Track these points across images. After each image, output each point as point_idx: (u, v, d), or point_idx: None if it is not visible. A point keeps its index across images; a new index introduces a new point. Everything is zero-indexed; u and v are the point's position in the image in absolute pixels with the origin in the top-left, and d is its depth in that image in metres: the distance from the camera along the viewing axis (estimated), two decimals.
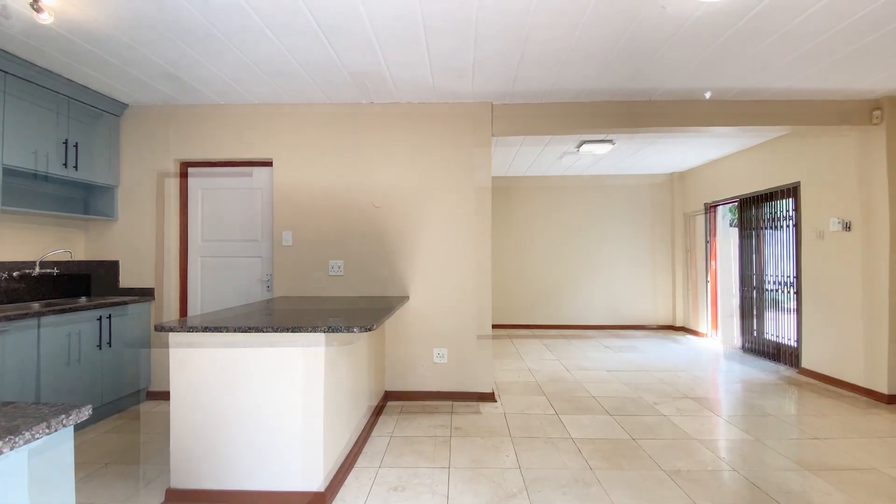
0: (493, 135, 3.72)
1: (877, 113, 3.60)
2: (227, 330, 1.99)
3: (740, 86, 3.36)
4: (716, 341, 6.10)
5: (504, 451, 2.73)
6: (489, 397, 3.65)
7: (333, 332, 1.99)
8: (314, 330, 1.97)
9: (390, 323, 3.69)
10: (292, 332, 1.98)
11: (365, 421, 2.92)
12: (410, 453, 2.70)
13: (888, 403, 3.52)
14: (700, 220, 6.49)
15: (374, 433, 3.00)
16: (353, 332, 1.97)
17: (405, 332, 3.69)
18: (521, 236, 7.24)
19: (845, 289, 3.95)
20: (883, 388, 3.58)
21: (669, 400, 3.69)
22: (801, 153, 4.49)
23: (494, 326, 7.22)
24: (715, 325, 6.26)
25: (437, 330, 3.69)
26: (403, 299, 3.41)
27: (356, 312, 2.53)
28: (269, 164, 3.81)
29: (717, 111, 3.67)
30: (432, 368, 3.68)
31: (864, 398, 3.68)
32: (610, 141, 5.07)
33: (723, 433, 3.02)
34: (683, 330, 6.86)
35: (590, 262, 7.19)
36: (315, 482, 2.08)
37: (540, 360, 5.14)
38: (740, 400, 3.73)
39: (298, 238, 3.70)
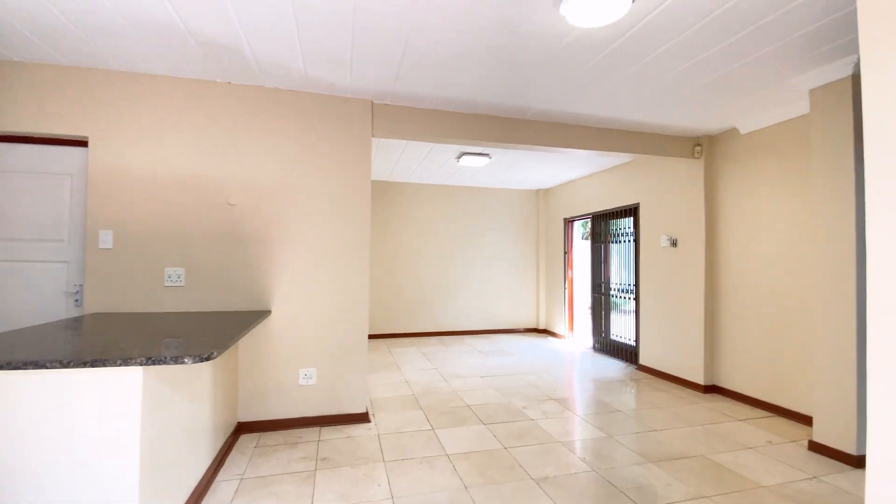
0: (373, 135, 3.49)
1: (697, 148, 4.31)
2: None
3: (599, 114, 3.70)
4: (572, 342, 6.73)
5: (376, 480, 2.49)
6: (363, 418, 3.37)
7: (156, 363, 1.54)
8: (126, 363, 1.50)
9: (245, 342, 3.18)
10: (92, 366, 1.48)
11: (205, 466, 2.41)
12: (265, 497, 2.30)
13: (704, 393, 4.20)
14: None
15: (218, 477, 2.49)
16: (184, 363, 1.55)
17: (265, 351, 3.21)
18: (398, 243, 7.09)
19: (671, 295, 4.64)
20: (700, 380, 4.26)
21: (536, 403, 3.86)
22: (641, 178, 5.18)
23: (372, 336, 7.01)
24: (571, 328, 6.92)
25: (305, 348, 3.29)
26: (263, 314, 2.95)
27: (194, 335, 2.06)
28: (83, 143, 3.00)
29: (579, 136, 4.00)
30: (298, 392, 3.26)
31: (688, 390, 4.34)
32: (487, 155, 5.24)
33: (581, 433, 3.23)
34: (546, 332, 7.45)
35: (465, 270, 7.37)
36: None
37: (417, 369, 5.02)
38: (593, 398, 4.08)
39: (122, 239, 2.97)
